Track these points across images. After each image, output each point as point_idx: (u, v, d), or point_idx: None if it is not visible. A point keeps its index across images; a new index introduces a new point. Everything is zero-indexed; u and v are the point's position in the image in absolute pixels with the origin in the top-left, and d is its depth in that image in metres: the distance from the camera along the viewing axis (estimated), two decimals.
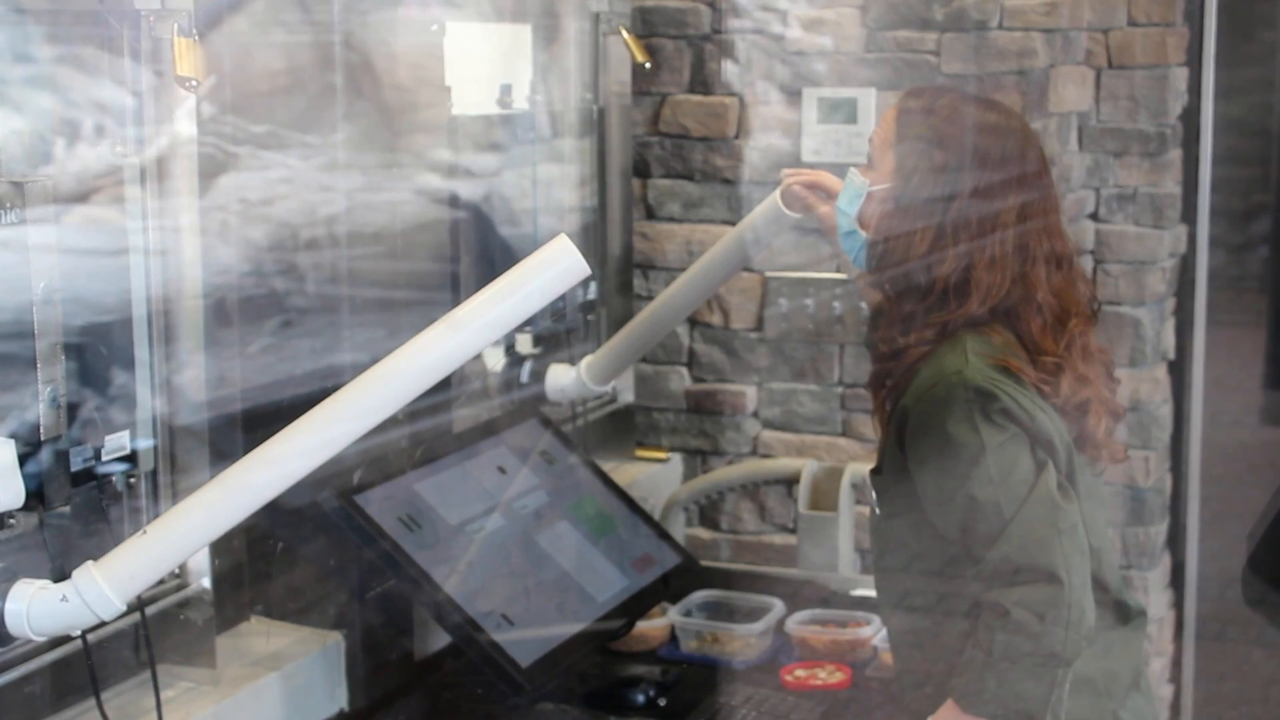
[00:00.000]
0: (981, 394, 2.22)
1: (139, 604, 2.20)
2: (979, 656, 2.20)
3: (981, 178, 2.29)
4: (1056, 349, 2.29)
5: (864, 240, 2.39)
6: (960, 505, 2.23)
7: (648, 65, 3.71)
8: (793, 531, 3.75)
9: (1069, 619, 2.16)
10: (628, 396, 3.87)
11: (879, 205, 2.36)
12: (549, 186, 3.43)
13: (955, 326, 2.28)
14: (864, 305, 3.66)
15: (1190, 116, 3.84)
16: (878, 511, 2.40)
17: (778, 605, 3.05)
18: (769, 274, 3.76)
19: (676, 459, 3.90)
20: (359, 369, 1.92)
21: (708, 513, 3.90)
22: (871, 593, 3.18)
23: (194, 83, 2.20)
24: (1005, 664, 2.17)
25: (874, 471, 2.42)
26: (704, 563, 3.33)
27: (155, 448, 2.28)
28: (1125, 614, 2.41)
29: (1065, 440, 2.29)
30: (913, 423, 2.28)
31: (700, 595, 3.10)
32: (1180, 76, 3.78)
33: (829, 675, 2.85)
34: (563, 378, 3.29)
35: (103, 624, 2.02)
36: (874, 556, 2.48)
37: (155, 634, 2.27)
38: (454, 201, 3.04)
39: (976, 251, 2.28)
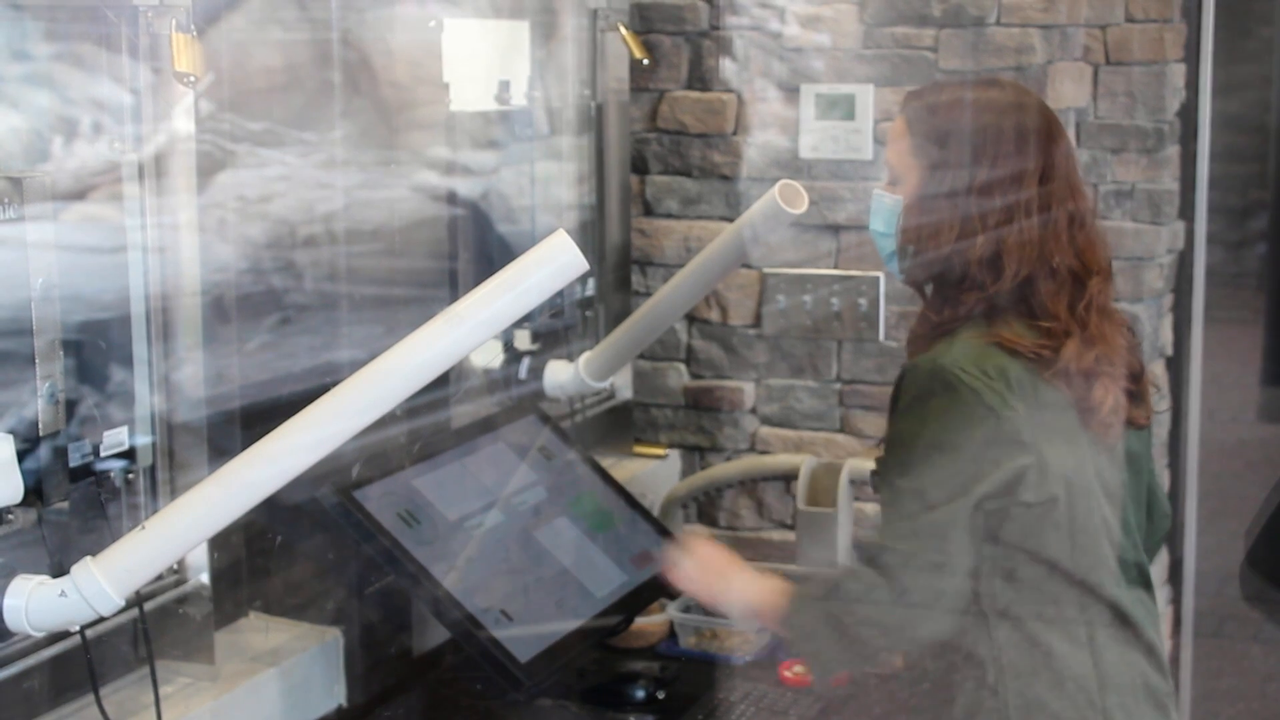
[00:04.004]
0: (942, 379, 2.22)
1: (137, 600, 2.20)
2: (815, 589, 2.34)
3: (1000, 159, 2.30)
4: (1066, 315, 2.28)
5: (901, 248, 2.39)
6: (885, 485, 2.28)
7: (645, 62, 3.71)
8: (791, 528, 3.76)
9: (880, 624, 2.26)
10: (626, 393, 3.87)
11: (914, 214, 2.35)
12: (547, 183, 3.43)
13: (983, 303, 2.29)
14: (863, 302, 3.66)
15: (1188, 113, 3.85)
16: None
17: None
18: (767, 270, 3.76)
19: (675, 455, 3.90)
20: (357, 366, 1.93)
21: (706, 509, 3.90)
22: None
23: (192, 79, 2.20)
24: (821, 604, 2.29)
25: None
26: None
27: (154, 444, 2.28)
28: (1122, 617, 2.37)
29: (1054, 429, 2.26)
30: (891, 406, 2.32)
31: None
32: (1178, 73, 3.78)
33: None
34: (561, 374, 3.29)
35: (101, 620, 2.02)
36: None
37: (154, 630, 2.27)
38: (452, 198, 3.04)
39: (1006, 230, 2.28)
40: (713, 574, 2.48)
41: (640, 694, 2.72)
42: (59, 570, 1.99)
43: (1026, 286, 2.28)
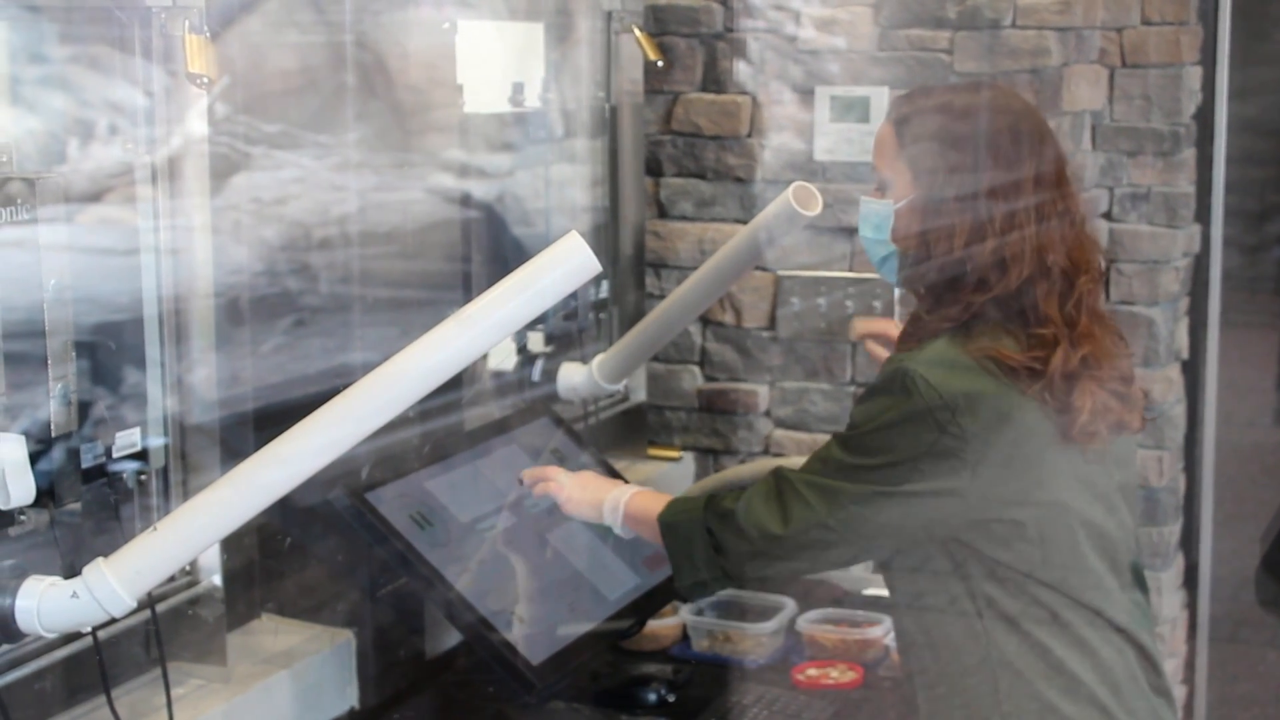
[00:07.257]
0: (902, 382, 2.20)
1: (149, 601, 2.21)
2: (696, 498, 2.42)
3: (996, 163, 2.29)
4: (1057, 317, 2.26)
5: (899, 254, 2.37)
6: (829, 444, 2.29)
7: (660, 64, 3.71)
8: None
9: (732, 569, 2.34)
10: (640, 395, 3.86)
11: (911, 219, 2.33)
12: (561, 185, 3.43)
13: (977, 307, 2.26)
14: (877, 305, 3.65)
15: (1204, 116, 3.84)
16: None
17: (789, 604, 3.05)
18: (781, 273, 3.75)
19: (689, 458, 3.90)
20: (371, 368, 1.92)
21: None
22: (884, 592, 3.19)
23: (205, 80, 2.20)
24: (700, 512, 2.36)
25: None
26: None
27: (166, 446, 2.28)
28: (1109, 621, 2.34)
29: (1020, 452, 2.23)
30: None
31: None
32: (1194, 75, 3.77)
33: (841, 675, 2.85)
34: (574, 376, 3.28)
35: (113, 621, 2.02)
36: None
37: (166, 631, 2.27)
38: (466, 201, 3.05)
39: (1006, 234, 2.26)
40: (593, 488, 2.60)
41: (653, 697, 2.72)
42: (71, 572, 1.99)
43: (1023, 288, 2.26)
